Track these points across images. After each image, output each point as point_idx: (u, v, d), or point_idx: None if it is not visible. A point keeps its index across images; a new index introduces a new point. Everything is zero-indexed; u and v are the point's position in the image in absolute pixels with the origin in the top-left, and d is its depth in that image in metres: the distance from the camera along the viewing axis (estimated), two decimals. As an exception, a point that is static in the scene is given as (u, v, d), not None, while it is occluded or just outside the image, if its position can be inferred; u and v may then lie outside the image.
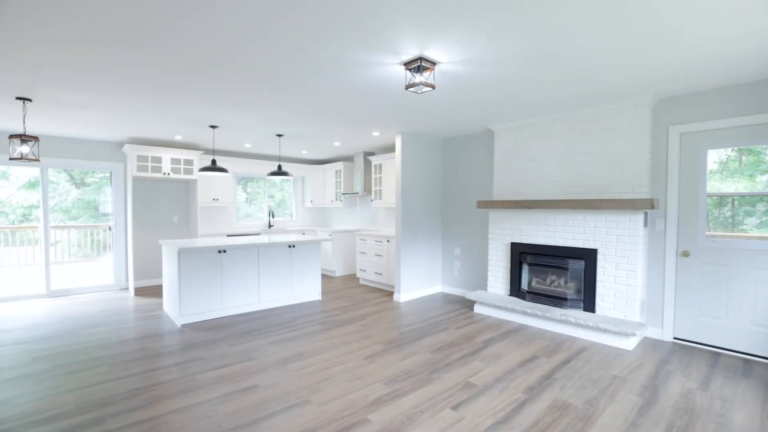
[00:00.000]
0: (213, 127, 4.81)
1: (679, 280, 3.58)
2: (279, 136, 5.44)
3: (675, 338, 3.62)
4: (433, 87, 2.74)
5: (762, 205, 3.25)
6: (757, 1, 1.93)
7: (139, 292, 5.73)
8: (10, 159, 3.81)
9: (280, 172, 5.48)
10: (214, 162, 5.02)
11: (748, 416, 2.36)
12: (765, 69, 2.87)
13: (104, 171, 5.92)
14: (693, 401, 2.54)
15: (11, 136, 3.71)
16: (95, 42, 2.38)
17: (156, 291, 5.77)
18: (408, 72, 2.75)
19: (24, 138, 3.74)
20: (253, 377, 2.89)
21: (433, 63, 2.68)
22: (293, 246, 5.06)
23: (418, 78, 2.69)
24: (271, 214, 7.61)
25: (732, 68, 2.86)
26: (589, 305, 3.89)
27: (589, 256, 3.90)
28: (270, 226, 7.58)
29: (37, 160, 3.83)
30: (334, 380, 2.84)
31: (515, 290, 4.54)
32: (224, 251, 4.44)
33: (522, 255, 4.47)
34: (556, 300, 4.11)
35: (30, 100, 3.58)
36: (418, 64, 2.63)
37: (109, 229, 6.00)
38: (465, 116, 4.32)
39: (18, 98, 3.51)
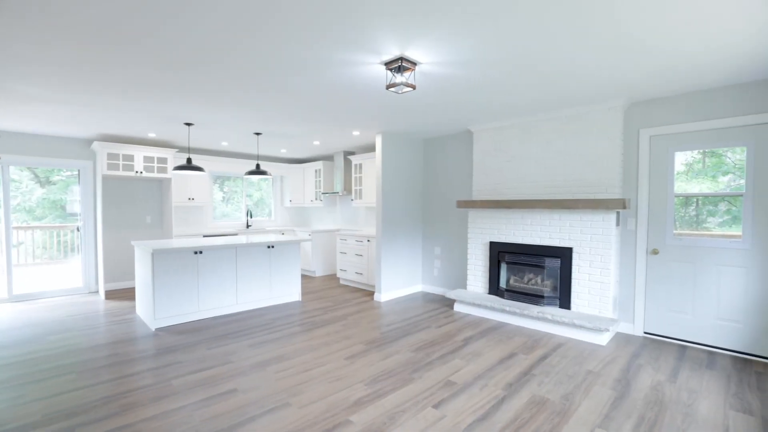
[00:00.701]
0: (188, 124, 4.68)
1: (649, 277, 3.73)
2: (257, 134, 5.34)
3: (645, 333, 3.77)
4: (413, 87, 2.76)
5: (723, 204, 3.43)
6: (720, 20, 2.04)
7: (110, 295, 5.51)
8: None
9: (258, 171, 5.39)
10: (189, 160, 4.88)
11: (713, 406, 2.48)
12: (726, 77, 3.02)
13: (71, 169, 5.66)
14: (662, 393, 2.65)
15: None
16: (71, 39, 2.27)
17: (128, 294, 5.56)
18: (389, 72, 2.75)
19: (-17, 134, 3.53)
20: (232, 381, 2.83)
21: (414, 63, 2.69)
22: (272, 246, 4.98)
23: (399, 78, 2.69)
24: (249, 213, 7.47)
25: (695, 76, 3.01)
26: (565, 302, 4.00)
27: (564, 255, 4.01)
28: (248, 226, 7.44)
29: (-2, 158, 3.63)
30: (314, 382, 2.81)
31: (494, 288, 4.62)
32: (200, 252, 4.33)
33: (500, 254, 4.55)
34: (534, 297, 4.21)
35: (-11, 93, 3.39)
36: (398, 65, 2.64)
37: (78, 229, 5.74)
38: (445, 117, 4.35)
39: (-24, 92, 3.32)
